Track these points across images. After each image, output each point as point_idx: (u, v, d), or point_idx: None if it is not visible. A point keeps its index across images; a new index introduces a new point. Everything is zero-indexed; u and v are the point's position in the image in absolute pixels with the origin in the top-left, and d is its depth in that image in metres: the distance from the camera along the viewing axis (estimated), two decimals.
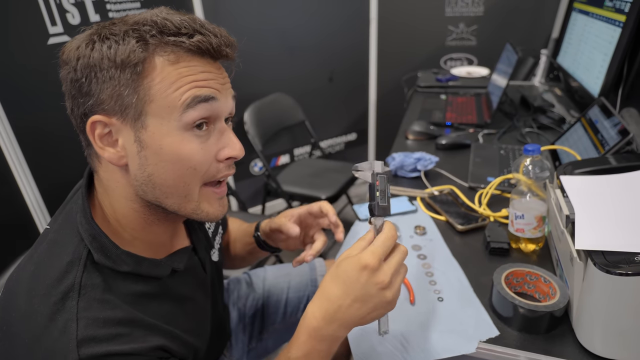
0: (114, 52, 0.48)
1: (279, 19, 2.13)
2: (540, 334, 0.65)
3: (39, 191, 1.42)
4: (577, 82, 1.42)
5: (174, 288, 0.61)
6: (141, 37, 0.49)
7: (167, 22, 0.50)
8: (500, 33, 2.26)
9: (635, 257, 0.55)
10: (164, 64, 0.50)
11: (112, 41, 0.49)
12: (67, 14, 1.40)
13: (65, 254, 0.51)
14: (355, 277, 0.53)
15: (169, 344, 0.55)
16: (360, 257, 0.53)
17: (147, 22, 0.50)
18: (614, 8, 1.20)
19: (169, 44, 0.50)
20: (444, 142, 1.32)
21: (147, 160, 0.52)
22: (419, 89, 1.92)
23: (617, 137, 0.91)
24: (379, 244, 0.54)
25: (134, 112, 0.50)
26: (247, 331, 1.01)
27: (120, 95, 0.49)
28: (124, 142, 0.52)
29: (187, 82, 0.51)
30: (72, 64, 0.50)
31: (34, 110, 1.37)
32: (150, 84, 0.50)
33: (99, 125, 0.51)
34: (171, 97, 0.50)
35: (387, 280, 0.53)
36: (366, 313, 0.54)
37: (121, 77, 0.49)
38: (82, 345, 0.46)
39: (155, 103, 0.50)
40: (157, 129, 0.51)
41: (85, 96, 0.50)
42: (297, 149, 2.50)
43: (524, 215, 0.79)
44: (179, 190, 0.54)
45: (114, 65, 0.48)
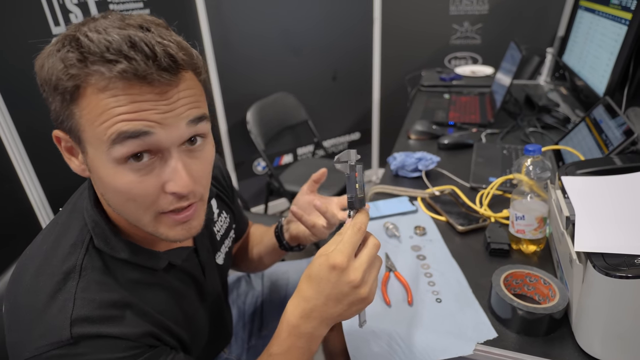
0: (50, 74, 0.46)
1: (283, 18, 2.12)
2: (539, 337, 0.64)
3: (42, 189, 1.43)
4: (582, 81, 1.40)
5: (169, 282, 0.62)
6: (67, 63, 0.45)
7: (91, 45, 0.44)
8: (505, 31, 2.24)
9: (635, 260, 0.54)
10: (93, 91, 0.45)
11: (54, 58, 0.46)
12: (70, 14, 1.41)
13: (71, 237, 0.54)
14: (326, 277, 0.53)
15: (160, 332, 0.57)
16: (329, 256, 0.53)
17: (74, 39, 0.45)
18: (620, 5, 1.18)
19: (93, 71, 0.44)
20: (446, 142, 1.31)
21: (96, 184, 0.54)
22: (423, 88, 1.91)
23: (622, 137, 0.89)
24: (346, 240, 0.54)
25: (75, 137, 0.49)
26: (246, 329, 1.01)
27: (60, 118, 0.48)
28: (79, 159, 0.53)
29: (112, 115, 0.45)
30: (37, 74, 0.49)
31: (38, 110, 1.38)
32: (80, 113, 0.46)
33: (60, 139, 0.52)
34: (98, 130, 0.46)
35: (359, 277, 0.53)
36: (343, 310, 0.54)
37: (57, 100, 0.47)
38: (75, 324, 0.48)
39: (86, 133, 0.47)
40: (94, 157, 0.49)
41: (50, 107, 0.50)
42: (300, 149, 2.50)
43: (525, 216, 0.78)
44: (130, 216, 0.53)
45: (51, 87, 0.46)
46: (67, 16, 1.40)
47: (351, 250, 0.53)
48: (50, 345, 0.48)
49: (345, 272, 0.52)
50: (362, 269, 0.53)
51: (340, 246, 0.53)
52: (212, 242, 0.75)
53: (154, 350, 0.55)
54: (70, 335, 0.48)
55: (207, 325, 0.73)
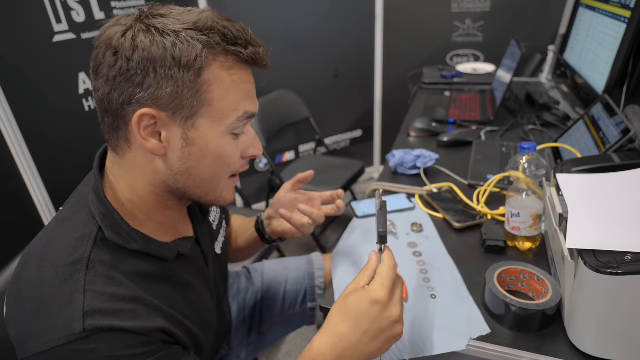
0: (180, 53, 0.50)
1: (284, 15, 2.13)
2: (532, 333, 0.65)
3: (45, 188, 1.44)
4: (582, 78, 1.40)
5: (177, 274, 0.63)
6: (208, 43, 0.51)
7: (227, 31, 0.52)
8: (507, 29, 2.23)
9: (625, 257, 0.54)
10: (220, 69, 0.53)
11: (174, 38, 0.50)
12: (72, 12, 1.42)
13: (76, 230, 0.53)
14: (367, 312, 0.53)
15: (172, 327, 0.56)
16: (370, 290, 0.53)
17: (207, 27, 0.51)
18: (619, 4, 1.18)
19: (229, 52, 0.53)
20: (445, 140, 1.31)
21: (190, 156, 0.55)
22: (424, 86, 1.91)
23: (619, 135, 0.90)
24: (386, 275, 0.54)
25: (189, 112, 0.53)
26: (246, 324, 1.02)
27: (179, 95, 0.51)
28: (169, 136, 0.54)
29: (240, 91, 0.55)
30: (126, 53, 0.49)
31: (41, 108, 1.40)
32: (209, 88, 0.52)
33: (146, 117, 0.52)
34: (224, 106, 0.54)
35: (399, 313, 0.53)
36: (376, 348, 0.54)
37: (184, 78, 0.51)
38: (88, 316, 0.47)
39: (210, 107, 0.53)
40: (206, 130, 0.54)
41: (137, 87, 0.50)
42: (302, 146, 2.51)
43: (520, 214, 0.79)
44: (211, 182, 0.59)
45: (177, 65, 0.50)
46: (68, 14, 1.41)
47: (392, 286, 0.54)
48: (60, 340, 0.46)
49: (387, 307, 0.53)
50: (400, 304, 0.54)
51: (381, 280, 0.54)
52: (210, 232, 0.77)
53: (167, 349, 0.54)
54: (83, 328, 0.46)
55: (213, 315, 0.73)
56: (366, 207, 1.01)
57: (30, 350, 0.47)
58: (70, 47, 1.43)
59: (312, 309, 1.05)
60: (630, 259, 0.54)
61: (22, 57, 1.33)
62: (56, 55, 1.40)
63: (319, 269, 1.06)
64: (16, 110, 1.32)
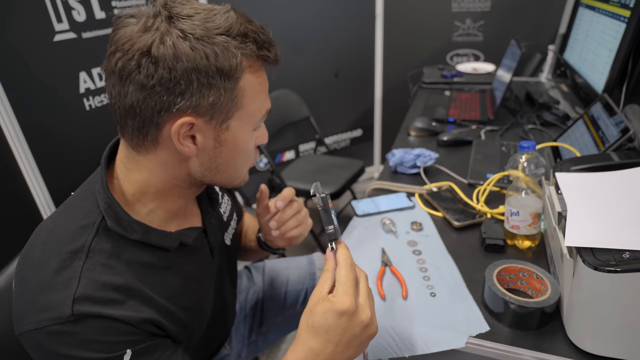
0: (222, 62, 0.51)
1: (284, 14, 2.13)
2: (531, 330, 0.65)
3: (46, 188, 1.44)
4: (582, 78, 1.40)
5: (179, 264, 0.63)
6: (244, 51, 0.53)
7: (257, 37, 0.54)
8: (507, 29, 2.23)
9: (623, 255, 0.55)
10: (250, 73, 0.55)
11: (215, 47, 0.50)
12: (72, 11, 1.42)
13: (81, 218, 0.56)
14: (335, 324, 0.51)
15: (162, 319, 0.57)
16: (335, 302, 0.51)
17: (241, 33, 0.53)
18: (619, 3, 1.18)
19: (259, 57, 0.55)
20: (445, 139, 1.31)
21: (221, 154, 0.58)
22: (424, 85, 1.92)
23: (618, 134, 0.90)
24: (345, 280, 0.53)
25: (224, 116, 0.55)
26: (247, 324, 1.02)
27: (219, 102, 0.53)
28: (202, 139, 0.55)
29: (263, 93, 0.59)
30: (168, 63, 0.49)
31: (42, 107, 1.40)
32: (242, 93, 0.55)
33: (186, 125, 0.53)
34: (254, 108, 0.58)
35: (369, 315, 0.52)
36: (352, 353, 0.53)
37: (225, 86, 0.52)
38: (77, 302, 0.50)
39: (243, 110, 0.56)
40: (237, 130, 0.57)
41: (177, 96, 0.51)
42: (302, 145, 2.51)
43: (519, 212, 0.79)
44: (237, 173, 0.63)
45: (219, 74, 0.51)
46: (69, 13, 1.41)
47: (354, 290, 0.53)
48: (51, 320, 0.49)
49: (355, 314, 0.51)
50: (368, 304, 0.53)
51: (342, 288, 0.52)
52: (220, 223, 0.77)
53: (152, 340, 0.55)
54: (72, 313, 0.49)
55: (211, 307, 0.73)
56: (366, 206, 1.02)
57: (24, 327, 0.50)
58: (71, 47, 1.43)
59: None
60: (628, 257, 0.54)
61: (23, 56, 1.33)
62: (57, 54, 1.40)
63: (320, 269, 1.06)
64: (17, 109, 1.32)
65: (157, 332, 0.57)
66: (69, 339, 0.50)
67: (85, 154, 1.49)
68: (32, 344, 0.51)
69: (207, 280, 0.71)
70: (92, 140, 1.51)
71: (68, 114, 1.47)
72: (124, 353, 0.52)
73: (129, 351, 0.52)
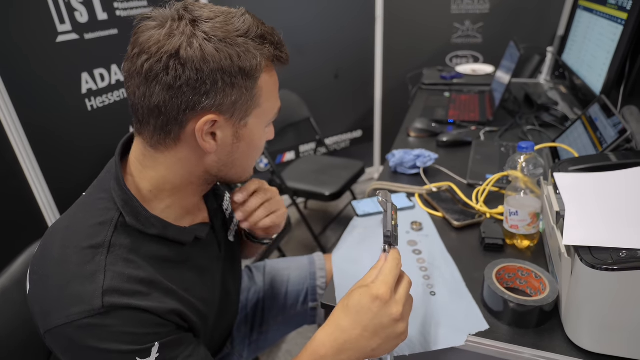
0: (244, 63, 0.54)
1: (285, 16, 2.14)
2: (530, 329, 0.66)
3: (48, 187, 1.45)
4: (580, 79, 1.41)
5: (194, 258, 0.66)
6: (263, 52, 0.56)
7: (272, 38, 0.57)
8: (506, 30, 2.25)
9: (620, 253, 0.56)
10: (266, 73, 0.58)
11: (237, 49, 0.53)
12: (75, 13, 1.43)
13: (98, 215, 0.57)
14: (367, 307, 0.54)
15: (186, 310, 0.59)
16: (372, 287, 0.54)
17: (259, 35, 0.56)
18: (616, 5, 1.20)
19: (275, 58, 0.58)
20: (445, 140, 1.32)
21: (239, 149, 0.61)
22: (423, 87, 1.93)
23: (616, 135, 0.91)
24: (388, 273, 0.55)
25: (244, 114, 0.58)
26: (248, 323, 1.03)
27: (240, 101, 0.56)
28: (222, 136, 0.58)
29: (276, 92, 0.62)
30: (196, 65, 0.51)
31: (44, 107, 1.40)
32: (259, 92, 0.58)
33: (209, 122, 0.55)
34: (269, 105, 0.61)
35: (400, 311, 0.54)
36: (377, 345, 0.54)
37: (246, 85, 0.55)
38: (106, 294, 0.51)
39: (260, 108, 0.59)
40: (254, 127, 0.60)
41: (202, 95, 0.53)
42: (303, 146, 2.52)
43: (518, 212, 0.80)
44: (249, 167, 0.66)
45: (241, 74, 0.54)
46: (72, 14, 1.42)
47: (393, 283, 0.55)
48: (81, 314, 0.50)
49: (388, 304, 0.53)
50: (402, 303, 0.54)
51: (383, 277, 0.55)
52: (224, 219, 0.78)
53: (178, 334, 0.57)
54: (102, 305, 0.50)
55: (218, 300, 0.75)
56: (366, 206, 1.03)
57: (53, 323, 0.51)
58: (73, 48, 1.44)
59: (313, 308, 1.07)
60: (625, 255, 0.55)
61: (25, 57, 1.34)
62: (59, 55, 1.41)
63: (321, 268, 1.07)
64: (19, 109, 1.33)
65: (182, 324, 0.59)
66: (100, 332, 0.50)
67: (87, 154, 1.49)
68: (61, 339, 0.52)
69: (216, 273, 0.73)
70: (93, 140, 1.52)
71: (70, 114, 1.48)
72: (153, 345, 0.53)
73: (157, 344, 0.53)
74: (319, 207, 2.57)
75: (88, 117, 1.52)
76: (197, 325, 0.62)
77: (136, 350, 0.52)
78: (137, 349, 0.52)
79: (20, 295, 0.75)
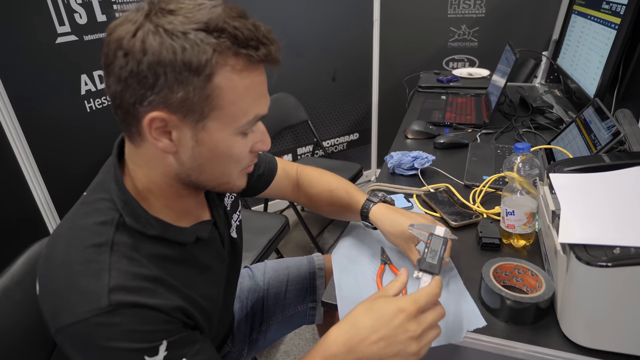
0: (189, 57, 0.48)
1: (282, 19, 2.16)
2: (527, 325, 0.67)
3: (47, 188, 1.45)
4: (575, 83, 1.44)
5: (196, 256, 0.65)
6: (218, 46, 0.50)
7: (238, 33, 0.50)
8: (501, 34, 2.27)
9: (614, 250, 0.57)
10: (231, 72, 0.51)
11: (183, 41, 0.48)
12: (74, 14, 1.44)
13: (99, 215, 0.56)
14: (390, 317, 0.54)
15: (190, 307, 0.59)
16: (400, 300, 0.55)
17: (218, 28, 0.50)
18: (610, 10, 1.22)
19: (241, 55, 0.51)
20: (442, 142, 1.34)
21: (201, 154, 0.56)
22: (420, 90, 1.95)
23: (610, 137, 0.93)
24: (422, 294, 0.56)
25: (199, 116, 0.52)
26: (248, 323, 1.04)
27: (189, 99, 0.51)
28: (179, 136, 0.54)
29: (252, 95, 0.55)
30: (136, 56, 0.49)
31: (43, 108, 1.41)
32: (219, 93, 0.52)
33: (158, 120, 0.52)
34: (235, 110, 0.54)
35: (419, 331, 0.54)
36: (387, 356, 0.54)
37: (194, 83, 0.50)
38: (113, 292, 0.51)
39: (221, 111, 0.53)
40: (216, 132, 0.54)
41: (148, 89, 0.50)
42: (300, 148, 2.53)
43: (515, 212, 0.81)
44: (223, 177, 0.60)
45: (187, 69, 0.49)
46: (71, 16, 1.43)
47: (424, 305, 0.55)
48: (89, 312, 0.49)
49: (410, 319, 0.54)
50: (425, 325, 0.55)
51: (415, 296, 0.55)
52: (225, 214, 0.78)
53: (185, 332, 0.57)
54: (109, 302, 0.50)
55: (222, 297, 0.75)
56: None
57: (62, 322, 0.50)
58: (72, 49, 1.45)
59: (312, 308, 1.07)
60: (619, 253, 0.57)
61: (25, 58, 1.35)
62: (59, 56, 1.42)
63: (320, 269, 1.08)
64: (19, 111, 1.34)
65: (187, 322, 0.59)
66: (108, 331, 0.50)
67: (86, 155, 1.50)
68: (71, 338, 0.51)
69: (220, 270, 0.73)
70: (92, 141, 1.52)
71: (69, 115, 1.49)
72: (160, 344, 0.53)
73: (165, 342, 0.53)
74: None
75: (87, 118, 1.53)
76: (201, 323, 0.62)
77: (144, 348, 0.52)
78: (145, 347, 0.52)
79: (21, 295, 0.75)
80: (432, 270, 0.63)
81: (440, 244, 0.68)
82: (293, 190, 1.00)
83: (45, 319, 0.54)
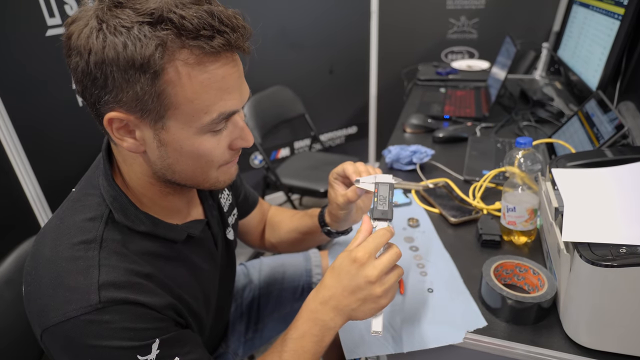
0: (131, 54, 0.45)
1: (280, 11, 2.12)
2: (528, 325, 0.66)
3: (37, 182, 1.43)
4: (576, 75, 1.41)
5: (187, 255, 0.64)
6: (162, 41, 0.46)
7: (185, 22, 0.46)
8: (501, 26, 2.24)
9: (620, 249, 0.55)
10: (184, 67, 0.47)
11: (125, 37, 0.45)
12: (65, 6, 1.40)
13: (88, 211, 0.55)
14: (346, 269, 0.58)
15: (180, 306, 0.58)
16: (352, 251, 0.58)
17: (163, 19, 0.46)
18: (613, 0, 1.19)
19: (192, 47, 0.47)
20: (441, 136, 1.32)
21: (167, 154, 0.54)
22: (419, 82, 1.92)
23: (613, 130, 0.91)
24: (370, 240, 0.59)
25: (155, 115, 0.50)
26: (243, 321, 1.02)
27: (140, 98, 0.48)
28: (143, 136, 0.52)
29: (213, 91, 0.50)
30: (84, 57, 0.46)
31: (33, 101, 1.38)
32: (172, 91, 0.48)
33: (116, 120, 0.50)
34: (194, 108, 0.50)
35: (375, 274, 0.56)
36: (357, 305, 0.57)
37: (141, 81, 0.47)
38: (102, 288, 0.49)
39: (177, 110, 0.49)
40: (177, 132, 0.51)
41: (100, 89, 0.48)
42: (297, 142, 2.51)
43: (516, 208, 0.79)
44: (198, 176, 0.57)
45: (131, 67, 0.46)
46: (62, 8, 1.40)
47: (373, 249, 0.58)
48: (77, 310, 0.48)
49: (363, 266, 0.57)
50: (380, 268, 0.56)
51: (364, 243, 0.58)
52: (222, 216, 0.77)
53: (177, 331, 0.56)
54: (99, 300, 0.48)
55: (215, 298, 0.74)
56: None
57: (50, 321, 0.49)
58: None
59: None
60: (625, 252, 0.55)
61: (14, 50, 1.32)
62: (49, 49, 1.39)
63: (316, 265, 1.07)
64: (9, 104, 1.31)
65: (179, 321, 0.58)
66: (99, 329, 0.48)
67: (78, 150, 1.47)
68: (59, 337, 0.49)
69: (212, 271, 0.72)
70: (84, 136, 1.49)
71: (60, 108, 1.46)
72: (153, 342, 0.51)
73: (157, 340, 0.52)
74: (314, 203, 2.56)
75: (78, 111, 1.50)
76: (191, 323, 0.61)
77: (137, 346, 0.50)
78: (137, 345, 0.50)
79: (11, 294, 0.74)
80: (386, 217, 0.63)
81: (387, 189, 0.67)
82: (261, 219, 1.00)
83: (30, 320, 0.52)
